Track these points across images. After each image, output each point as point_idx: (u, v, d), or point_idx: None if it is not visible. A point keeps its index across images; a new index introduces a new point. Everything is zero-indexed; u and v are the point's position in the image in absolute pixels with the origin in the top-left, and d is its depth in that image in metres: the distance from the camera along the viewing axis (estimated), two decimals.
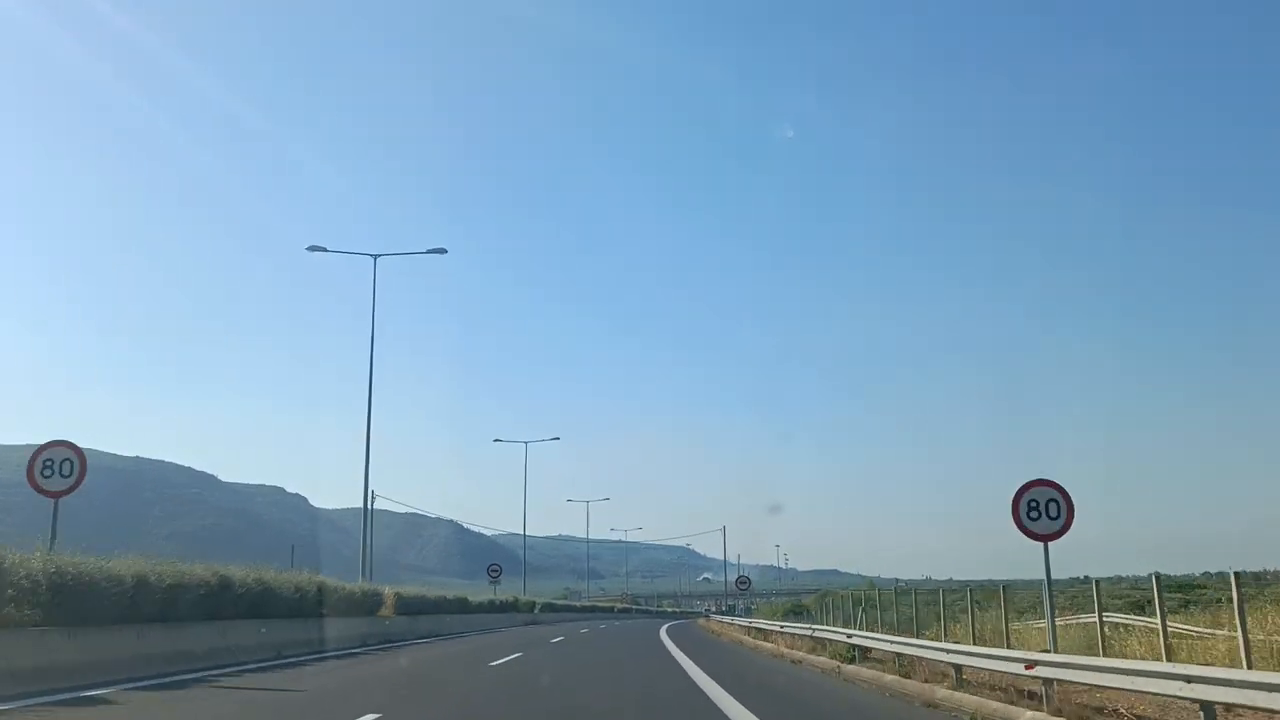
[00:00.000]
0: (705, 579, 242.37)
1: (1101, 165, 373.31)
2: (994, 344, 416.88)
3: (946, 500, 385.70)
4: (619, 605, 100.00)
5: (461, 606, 38.65)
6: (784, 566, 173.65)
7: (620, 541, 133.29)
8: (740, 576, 43.07)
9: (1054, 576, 12.24)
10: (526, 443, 63.58)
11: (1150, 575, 14.27)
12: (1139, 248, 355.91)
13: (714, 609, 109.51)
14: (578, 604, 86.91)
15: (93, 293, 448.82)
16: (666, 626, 50.49)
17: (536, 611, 55.79)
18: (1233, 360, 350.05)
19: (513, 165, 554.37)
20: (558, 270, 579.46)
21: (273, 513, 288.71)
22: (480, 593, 51.57)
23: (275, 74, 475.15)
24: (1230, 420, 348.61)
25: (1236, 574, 10.09)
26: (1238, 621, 9.52)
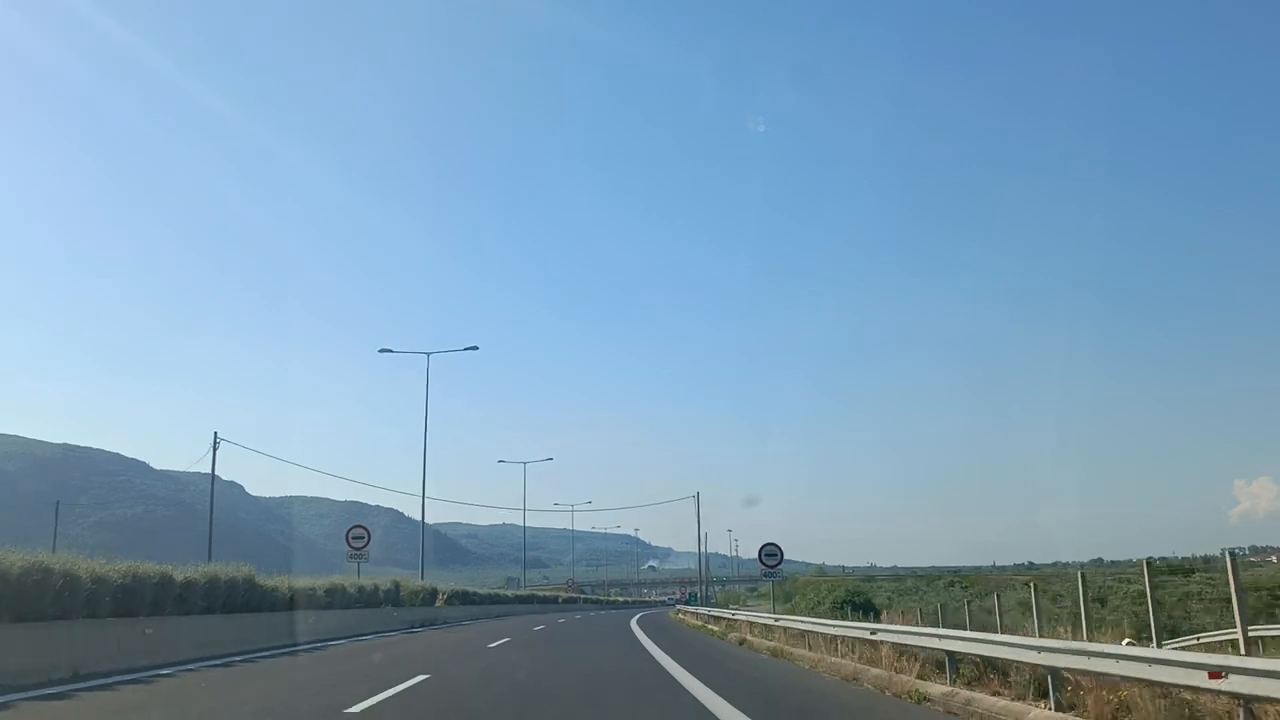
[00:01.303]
0: (650, 567, 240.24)
1: (1082, 163, 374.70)
2: (950, 333, 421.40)
3: (895, 489, 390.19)
4: (564, 594, 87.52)
5: (231, 596, 18.06)
6: (729, 554, 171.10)
7: (566, 530, 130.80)
8: (768, 546, 27.12)
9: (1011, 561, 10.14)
10: (428, 353, 48.15)
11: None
12: (1115, 246, 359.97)
13: (680, 598, 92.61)
14: (511, 594, 67.83)
15: (20, 279, 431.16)
16: (637, 620, 37.23)
17: (439, 605, 37.96)
18: (1201, 355, 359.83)
19: (472, 148, 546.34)
20: (522, 264, 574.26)
21: (206, 500, 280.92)
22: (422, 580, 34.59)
23: (239, 63, 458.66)
24: (1187, 413, 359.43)
25: None
26: None
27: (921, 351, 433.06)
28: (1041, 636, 10.38)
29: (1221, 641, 20.50)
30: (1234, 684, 7.01)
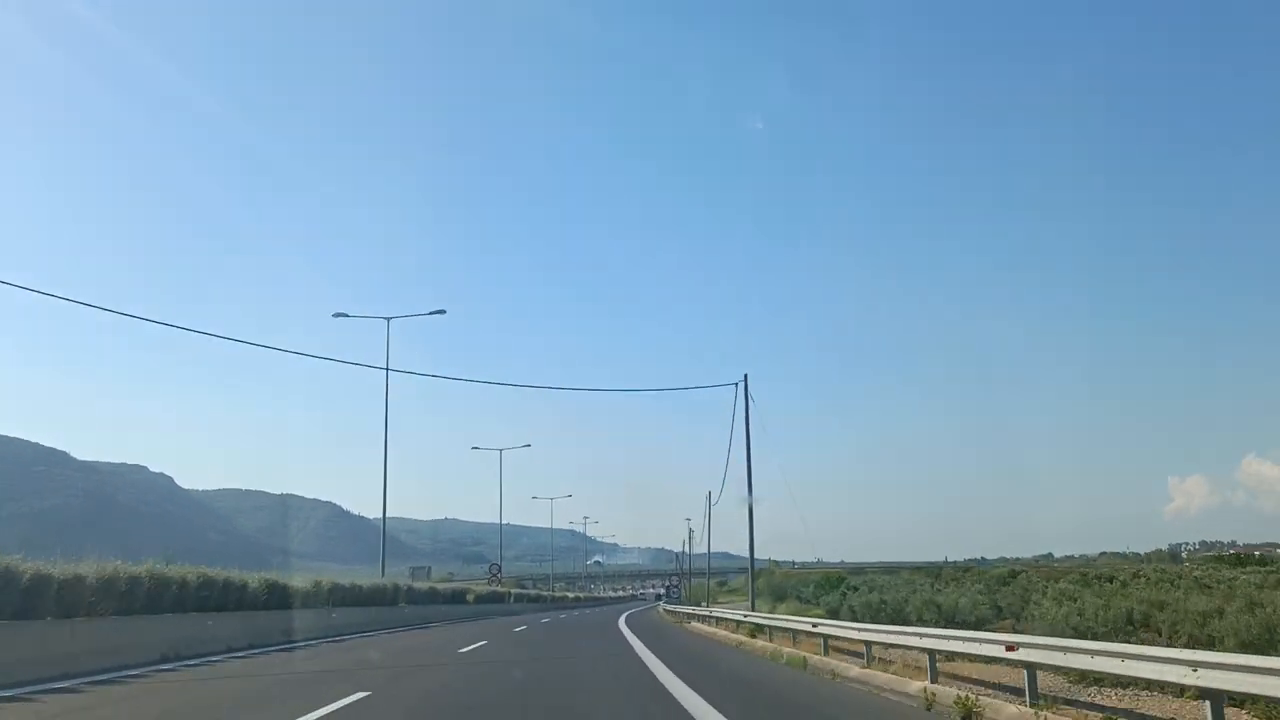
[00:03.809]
0: (596, 562, 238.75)
1: (1075, 173, 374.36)
2: (910, 327, 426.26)
3: (844, 487, 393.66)
4: (479, 591, 53.10)
5: None
6: (673, 549, 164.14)
7: (509, 525, 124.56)
8: None
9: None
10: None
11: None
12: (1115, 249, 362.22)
13: (673, 588, 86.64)
14: (306, 585, 27.22)
15: None
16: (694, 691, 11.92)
17: None
18: (1136, 355, 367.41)
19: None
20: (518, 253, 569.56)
21: (132, 493, 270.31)
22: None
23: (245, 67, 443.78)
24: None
25: None
26: None
27: (899, 347, 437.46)
28: None
29: None
30: None
